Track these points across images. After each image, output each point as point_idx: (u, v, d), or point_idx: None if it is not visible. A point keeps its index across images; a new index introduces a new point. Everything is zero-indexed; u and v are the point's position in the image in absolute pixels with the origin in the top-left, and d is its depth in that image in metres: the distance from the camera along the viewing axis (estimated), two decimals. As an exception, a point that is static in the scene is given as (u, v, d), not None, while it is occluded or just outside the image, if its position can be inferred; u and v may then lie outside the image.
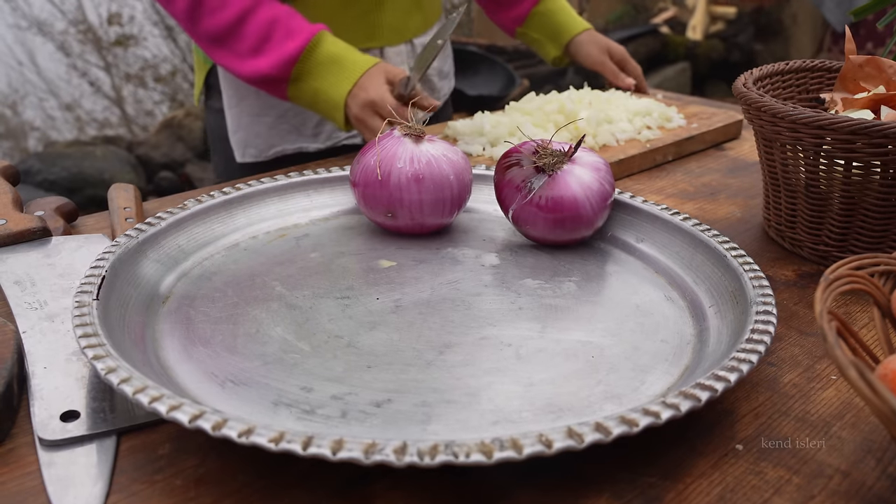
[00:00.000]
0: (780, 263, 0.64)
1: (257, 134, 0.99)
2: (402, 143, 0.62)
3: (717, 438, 0.43)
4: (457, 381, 0.46)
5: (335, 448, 0.35)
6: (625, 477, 0.39)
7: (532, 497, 0.38)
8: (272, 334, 0.50)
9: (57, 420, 0.42)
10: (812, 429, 0.44)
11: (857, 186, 0.59)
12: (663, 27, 4.06)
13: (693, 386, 0.40)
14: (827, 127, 0.56)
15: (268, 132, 0.99)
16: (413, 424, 0.42)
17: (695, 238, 0.59)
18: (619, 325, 0.52)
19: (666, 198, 0.78)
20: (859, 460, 0.41)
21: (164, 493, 0.38)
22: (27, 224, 0.63)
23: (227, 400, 0.43)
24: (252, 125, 0.99)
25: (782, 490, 0.39)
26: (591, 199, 0.60)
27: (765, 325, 0.46)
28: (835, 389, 0.47)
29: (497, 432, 0.41)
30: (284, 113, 0.98)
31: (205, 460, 0.40)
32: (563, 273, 0.59)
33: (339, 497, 0.38)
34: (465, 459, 0.35)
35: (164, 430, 0.42)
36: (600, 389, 0.45)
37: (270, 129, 0.99)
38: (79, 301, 0.47)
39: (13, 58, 3.14)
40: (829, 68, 0.73)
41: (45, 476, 0.38)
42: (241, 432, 0.35)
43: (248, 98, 0.97)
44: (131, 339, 0.47)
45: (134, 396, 0.38)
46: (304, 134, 1.00)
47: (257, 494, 0.38)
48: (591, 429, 0.36)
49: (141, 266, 0.54)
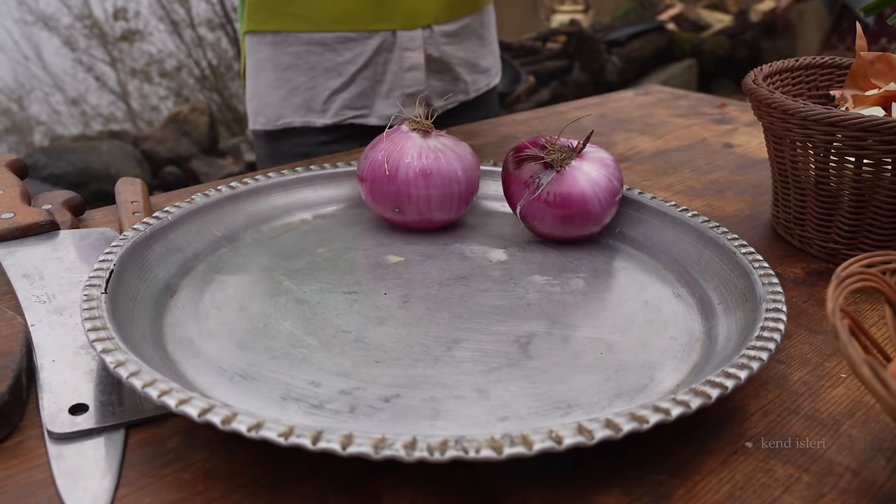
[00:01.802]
0: (788, 261, 0.64)
1: (268, 104, 1.03)
2: (410, 138, 0.62)
3: (726, 436, 0.43)
4: (465, 377, 0.45)
5: (345, 443, 0.35)
6: (634, 474, 0.39)
7: (540, 494, 0.38)
8: (280, 329, 0.50)
9: (66, 413, 0.42)
10: (822, 427, 0.44)
11: (868, 184, 0.58)
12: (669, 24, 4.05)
13: (703, 383, 0.40)
14: (837, 124, 0.56)
15: (279, 103, 1.01)
16: (421, 420, 0.42)
17: (703, 235, 0.59)
18: (627, 321, 0.52)
19: (674, 194, 0.78)
20: (869, 459, 0.41)
21: (172, 487, 0.38)
22: (35, 217, 0.63)
23: (235, 394, 0.43)
24: (265, 96, 1.02)
25: (792, 488, 0.39)
26: (599, 195, 0.60)
27: (775, 322, 0.46)
28: (844, 388, 0.47)
29: (506, 428, 0.41)
30: (297, 87, 1.01)
31: (213, 454, 0.40)
32: (571, 269, 0.59)
33: (346, 492, 0.38)
34: (474, 455, 0.35)
35: (172, 423, 0.42)
36: (609, 386, 0.45)
37: (282, 100, 1.02)
38: (87, 294, 0.47)
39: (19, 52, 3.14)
40: (839, 65, 0.72)
41: (53, 469, 0.38)
42: (251, 426, 0.35)
43: (264, 70, 1.01)
44: (139, 333, 0.47)
45: (143, 390, 0.38)
46: (314, 109, 1.03)
47: (265, 489, 0.38)
48: (601, 425, 0.36)
49: (149, 260, 0.54)
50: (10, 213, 0.63)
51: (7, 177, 0.69)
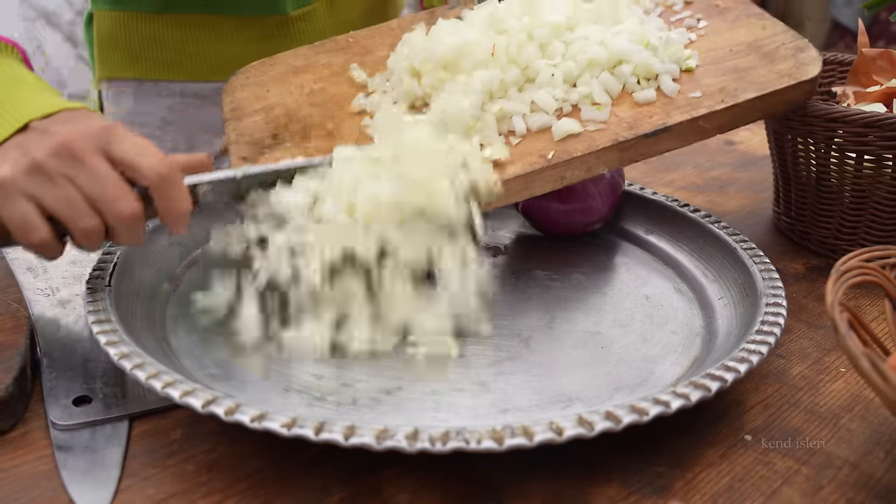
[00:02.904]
0: (789, 257, 0.64)
1: None
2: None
3: (725, 429, 0.43)
4: (466, 370, 0.46)
5: (347, 434, 0.35)
6: (633, 466, 0.40)
7: (540, 484, 0.38)
8: (282, 322, 0.50)
9: (70, 405, 0.42)
10: (821, 420, 0.44)
11: (869, 180, 0.58)
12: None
13: (703, 376, 0.40)
14: (839, 120, 0.56)
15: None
16: (423, 412, 0.42)
17: (704, 230, 0.59)
18: (628, 316, 0.52)
19: (675, 190, 0.78)
20: (868, 452, 0.41)
21: (176, 478, 0.38)
22: (39, 212, 0.63)
23: (238, 386, 0.43)
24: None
25: (791, 480, 0.39)
26: (601, 190, 0.60)
27: (774, 317, 0.46)
28: (844, 382, 0.47)
29: (507, 421, 0.41)
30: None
31: (216, 446, 0.40)
32: (573, 264, 0.59)
33: (349, 483, 0.38)
34: (476, 446, 0.35)
35: (175, 415, 0.42)
36: (609, 380, 0.45)
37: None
38: (91, 287, 0.47)
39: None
40: (840, 61, 0.73)
41: (58, 460, 0.39)
42: (254, 417, 0.36)
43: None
44: (142, 325, 0.47)
45: (147, 382, 0.38)
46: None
47: (268, 480, 0.38)
48: (601, 417, 0.36)
49: (152, 253, 0.54)
50: (13, 208, 0.63)
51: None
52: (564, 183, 0.52)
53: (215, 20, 0.66)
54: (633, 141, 0.51)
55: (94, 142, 0.43)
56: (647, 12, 0.64)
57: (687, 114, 0.52)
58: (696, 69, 0.56)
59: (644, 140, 0.52)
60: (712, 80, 0.55)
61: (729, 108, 0.52)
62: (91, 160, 0.42)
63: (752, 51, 0.57)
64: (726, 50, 0.57)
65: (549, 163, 0.51)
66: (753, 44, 0.57)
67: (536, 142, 0.53)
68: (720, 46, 0.58)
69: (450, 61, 0.55)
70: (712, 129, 0.53)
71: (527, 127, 0.53)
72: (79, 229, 0.43)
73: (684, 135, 0.52)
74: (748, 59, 0.56)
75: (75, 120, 0.44)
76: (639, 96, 0.54)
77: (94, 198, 0.43)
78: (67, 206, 0.42)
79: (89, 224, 0.43)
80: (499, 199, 0.50)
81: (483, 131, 0.53)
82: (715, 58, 0.57)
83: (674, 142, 0.53)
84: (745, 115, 0.53)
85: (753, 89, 0.53)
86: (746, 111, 0.53)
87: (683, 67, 0.56)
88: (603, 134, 0.52)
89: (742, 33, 0.58)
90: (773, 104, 0.54)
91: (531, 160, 0.51)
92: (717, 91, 0.54)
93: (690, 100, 0.53)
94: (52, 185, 0.42)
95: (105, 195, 0.42)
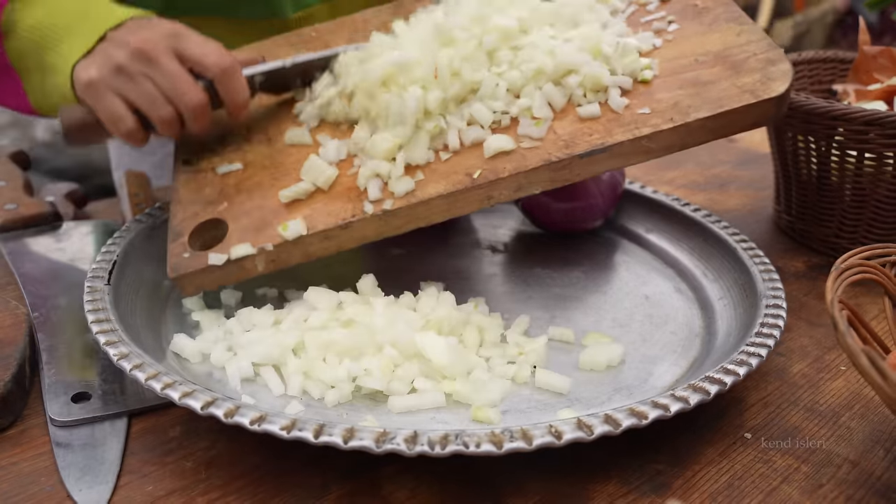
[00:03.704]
0: (790, 255, 0.64)
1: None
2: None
3: (725, 427, 0.43)
4: (466, 368, 0.45)
5: (347, 437, 0.35)
6: (633, 464, 0.40)
7: (540, 482, 0.38)
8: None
9: (69, 401, 0.42)
10: (821, 418, 0.44)
11: (869, 178, 0.58)
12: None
13: (702, 379, 0.40)
14: (840, 118, 0.56)
15: (152, 171, 0.80)
16: (422, 413, 0.42)
17: (705, 229, 0.59)
18: (627, 315, 0.52)
19: (676, 189, 0.78)
20: (868, 450, 0.41)
21: (174, 475, 0.38)
22: (38, 209, 0.63)
23: (237, 385, 0.43)
24: (135, 164, 0.84)
25: (790, 478, 0.39)
26: (601, 188, 0.60)
27: (774, 318, 0.46)
28: (843, 380, 0.47)
29: (506, 422, 0.41)
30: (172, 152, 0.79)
31: (215, 443, 0.40)
32: (573, 262, 0.59)
33: (348, 480, 0.38)
34: (475, 449, 0.35)
35: (174, 412, 0.42)
36: (608, 380, 0.45)
37: (156, 168, 0.83)
38: (90, 286, 0.47)
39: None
40: (841, 59, 0.72)
41: (57, 456, 0.39)
42: (253, 419, 0.35)
43: None
44: (142, 323, 0.47)
45: (146, 383, 0.38)
46: None
47: (267, 476, 0.38)
48: (600, 421, 0.36)
49: (151, 252, 0.54)
50: (13, 205, 0.63)
51: (10, 168, 0.69)
52: (491, 202, 0.49)
53: (216, 23, 0.67)
54: (566, 161, 0.47)
55: (164, 43, 0.51)
56: (615, 13, 0.58)
57: (630, 133, 0.48)
58: (654, 80, 0.51)
59: (579, 160, 0.47)
60: (666, 94, 0.50)
61: (676, 128, 0.47)
62: (163, 59, 0.51)
63: (718, 61, 0.51)
64: (691, 59, 0.52)
65: (473, 182, 0.48)
66: (721, 53, 0.51)
67: (466, 159, 0.49)
68: (686, 54, 0.52)
69: (388, 77, 0.52)
70: (659, 150, 0.48)
71: (461, 142, 0.50)
72: (158, 117, 0.51)
73: (626, 155, 0.48)
74: (712, 72, 0.50)
75: (145, 26, 0.53)
76: (582, 111, 0.50)
77: (167, 92, 0.51)
78: (147, 100, 0.51)
79: (165, 113, 0.51)
80: (419, 220, 0.48)
81: (410, 150, 0.50)
82: (676, 67, 0.51)
83: (614, 162, 0.48)
84: (695, 137, 0.48)
85: (707, 108, 0.48)
86: (695, 132, 0.48)
87: (639, 79, 0.51)
88: (535, 153, 0.48)
89: (713, 39, 0.52)
90: (730, 125, 0.48)
91: (456, 179, 0.48)
92: (670, 107, 0.49)
93: (637, 116, 0.49)
94: (134, 83, 0.51)
95: (176, 89, 0.51)
